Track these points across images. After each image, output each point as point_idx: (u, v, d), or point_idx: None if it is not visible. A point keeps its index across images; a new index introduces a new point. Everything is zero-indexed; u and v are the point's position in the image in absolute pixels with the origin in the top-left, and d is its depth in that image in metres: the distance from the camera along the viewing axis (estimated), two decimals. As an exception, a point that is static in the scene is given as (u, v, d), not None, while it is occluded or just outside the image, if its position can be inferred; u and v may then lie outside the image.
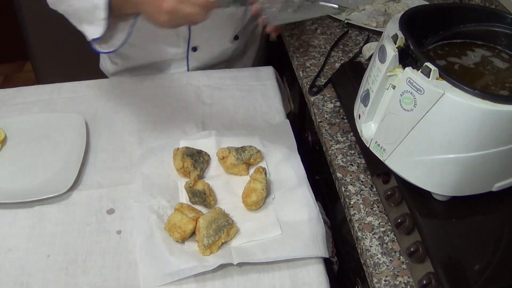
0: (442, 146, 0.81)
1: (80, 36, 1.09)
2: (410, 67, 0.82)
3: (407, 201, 0.91)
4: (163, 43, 1.38)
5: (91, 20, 1.06)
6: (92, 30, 1.07)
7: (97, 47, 1.12)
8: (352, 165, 1.05)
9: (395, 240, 0.91)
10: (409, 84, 0.80)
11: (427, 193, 0.89)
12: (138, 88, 1.37)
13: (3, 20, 2.46)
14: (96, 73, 1.50)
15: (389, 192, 0.95)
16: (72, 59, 1.69)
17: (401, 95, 0.82)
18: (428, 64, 0.79)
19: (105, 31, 1.06)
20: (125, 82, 1.39)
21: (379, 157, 0.91)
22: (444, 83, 0.78)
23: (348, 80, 1.18)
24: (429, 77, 0.79)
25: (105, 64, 1.53)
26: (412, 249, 0.85)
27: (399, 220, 0.90)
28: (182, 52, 1.41)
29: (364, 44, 1.36)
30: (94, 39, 1.08)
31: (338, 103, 1.20)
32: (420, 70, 0.80)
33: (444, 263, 0.80)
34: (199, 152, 1.13)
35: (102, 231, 1.03)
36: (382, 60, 0.87)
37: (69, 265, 0.97)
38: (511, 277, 0.81)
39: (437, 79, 0.79)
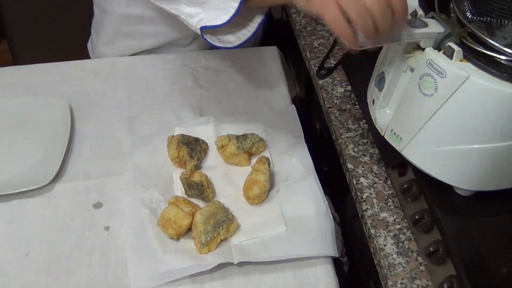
0: (466, 135, 0.80)
1: (63, 11, 1.07)
2: (431, 47, 0.81)
3: (426, 195, 0.90)
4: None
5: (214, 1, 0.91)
6: (211, 14, 0.92)
7: (209, 39, 0.97)
8: (365, 155, 1.05)
9: (412, 239, 0.91)
10: (429, 66, 0.79)
11: (448, 187, 0.88)
12: (128, 69, 1.36)
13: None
14: (81, 53, 1.48)
15: (405, 186, 0.95)
16: (54, 38, 1.67)
17: (420, 79, 0.81)
18: (451, 44, 0.78)
19: (231, 18, 0.90)
20: (114, 63, 1.38)
21: (395, 147, 0.90)
22: (468, 65, 0.77)
23: (361, 61, 1.17)
24: (452, 59, 0.77)
25: (100, 48, 1.45)
26: (431, 249, 0.85)
27: (416, 217, 0.90)
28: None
29: (378, 22, 1.35)
30: (209, 27, 0.93)
31: (349, 87, 1.20)
32: (442, 50, 0.79)
33: (467, 265, 0.80)
34: (196, 140, 1.13)
35: (88, 227, 1.03)
36: (400, 39, 0.87)
37: (51, 265, 0.97)
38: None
39: (461, 60, 0.78)
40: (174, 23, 1.33)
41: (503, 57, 0.78)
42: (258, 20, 0.95)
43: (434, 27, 0.81)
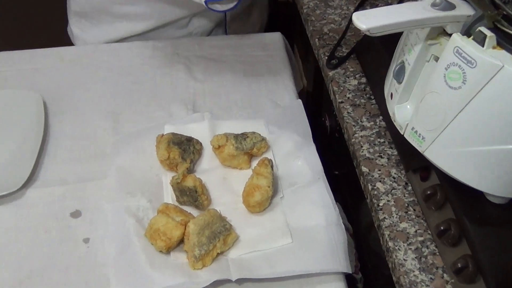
0: (500, 134, 0.80)
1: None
2: (458, 33, 0.80)
3: (453, 203, 0.90)
4: None
5: None
6: None
7: (214, 7, 1.13)
8: (382, 157, 1.05)
9: (437, 253, 0.90)
10: (456, 54, 0.79)
11: (479, 194, 0.88)
12: (112, 58, 1.37)
13: None
14: (58, 40, 1.47)
15: (428, 192, 0.94)
16: (26, 21, 1.67)
17: (446, 69, 0.81)
18: (482, 28, 0.78)
19: None
20: (96, 51, 1.39)
21: (416, 147, 0.90)
22: (503, 53, 0.76)
23: (377, 49, 1.18)
24: (483, 46, 0.77)
25: (82, 33, 1.46)
26: (459, 265, 0.84)
27: (442, 228, 0.89)
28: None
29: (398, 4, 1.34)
30: None
31: (363, 79, 1.20)
32: (472, 36, 0.79)
33: (502, 284, 0.80)
34: (189, 139, 1.13)
35: (65, 239, 1.03)
36: (422, 23, 0.87)
37: (22, 283, 0.97)
38: None
39: (493, 48, 0.77)
40: (172, 1, 1.33)
41: (543, 44, 0.77)
42: None
43: (463, 9, 0.80)
